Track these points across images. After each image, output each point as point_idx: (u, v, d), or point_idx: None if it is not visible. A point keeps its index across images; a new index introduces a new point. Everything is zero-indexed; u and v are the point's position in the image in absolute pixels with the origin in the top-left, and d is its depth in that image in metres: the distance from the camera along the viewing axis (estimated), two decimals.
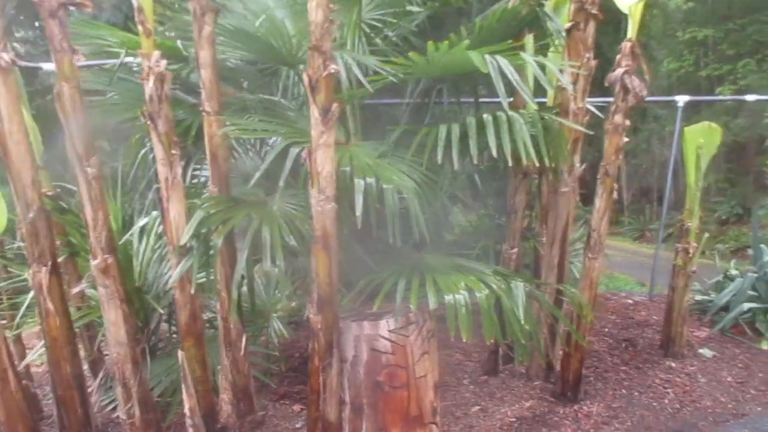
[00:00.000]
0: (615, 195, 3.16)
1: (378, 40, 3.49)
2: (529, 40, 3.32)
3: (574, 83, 3.18)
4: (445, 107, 3.73)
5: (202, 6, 2.63)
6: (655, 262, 5.58)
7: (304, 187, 2.56)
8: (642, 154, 16.90)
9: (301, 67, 3.18)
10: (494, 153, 2.58)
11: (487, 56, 2.60)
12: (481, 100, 3.92)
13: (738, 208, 13.57)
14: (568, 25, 3.13)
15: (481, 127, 2.69)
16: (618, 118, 3.05)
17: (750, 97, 5.24)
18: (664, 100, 6.95)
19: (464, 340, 2.39)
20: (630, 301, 5.57)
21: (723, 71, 13.73)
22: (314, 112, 2.32)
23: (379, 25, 3.52)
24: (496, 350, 3.80)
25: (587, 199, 3.85)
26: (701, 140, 3.78)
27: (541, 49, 3.57)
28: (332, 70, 2.27)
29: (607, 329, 4.74)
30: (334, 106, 2.31)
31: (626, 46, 2.96)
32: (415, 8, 3.57)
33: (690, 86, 14.41)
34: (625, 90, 2.98)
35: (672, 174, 5.42)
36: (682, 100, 4.99)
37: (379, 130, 3.31)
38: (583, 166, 3.37)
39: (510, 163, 2.59)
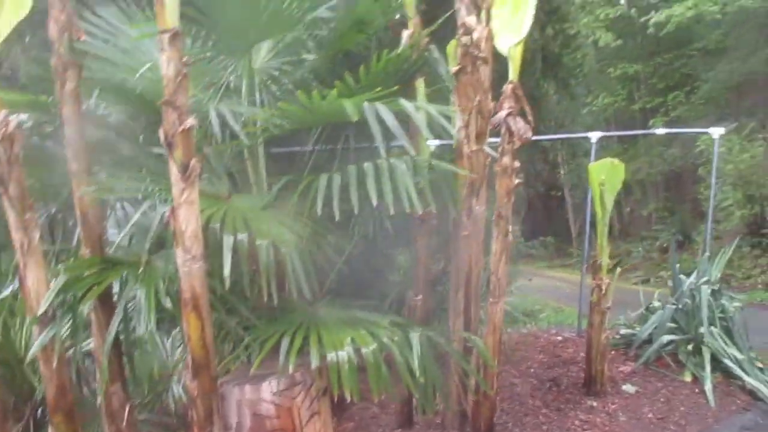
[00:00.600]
0: (510, 237, 3.11)
1: (274, 88, 3.44)
2: (420, 84, 3.32)
3: (466, 126, 3.15)
4: (350, 152, 3.67)
5: (64, 62, 2.52)
6: (580, 296, 5.57)
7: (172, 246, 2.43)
8: (575, 188, 17.38)
9: None
10: (374, 202, 2.53)
11: (366, 104, 2.56)
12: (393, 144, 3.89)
13: (678, 236, 13.87)
14: (454, 69, 3.11)
15: (361, 175, 2.63)
16: (506, 160, 3.01)
17: (660, 131, 5.37)
18: (578, 136, 7.09)
19: (349, 400, 2.32)
20: (559, 338, 5.52)
21: (655, 103, 14.27)
22: (173, 169, 2.21)
23: (276, 73, 3.48)
24: (410, 401, 3.67)
25: None
26: (603, 177, 3.80)
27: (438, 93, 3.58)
28: (188, 126, 2.18)
29: (533, 369, 4.66)
30: (193, 161, 2.21)
31: (508, 88, 2.95)
32: (310, 56, 3.55)
33: (625, 119, 14.93)
34: (510, 132, 2.96)
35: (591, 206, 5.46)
36: (594, 136, 5.08)
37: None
38: (483, 209, 3.32)
39: (391, 212, 2.54)
